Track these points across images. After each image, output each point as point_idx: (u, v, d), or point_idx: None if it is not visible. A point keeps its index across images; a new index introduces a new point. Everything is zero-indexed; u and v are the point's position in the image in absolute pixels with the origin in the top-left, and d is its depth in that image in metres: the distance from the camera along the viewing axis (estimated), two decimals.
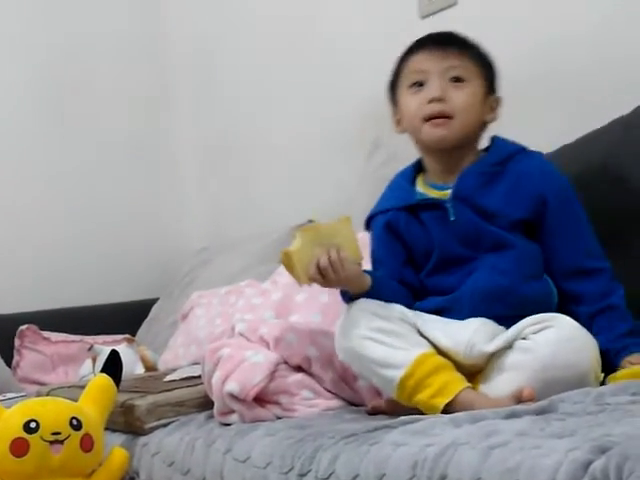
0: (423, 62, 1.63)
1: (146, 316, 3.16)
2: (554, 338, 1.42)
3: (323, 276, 1.53)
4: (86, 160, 3.35)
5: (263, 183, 3.18)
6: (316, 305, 1.85)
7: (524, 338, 1.45)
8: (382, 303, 1.55)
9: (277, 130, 3.10)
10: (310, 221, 2.83)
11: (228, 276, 2.71)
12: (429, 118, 1.60)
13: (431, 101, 1.59)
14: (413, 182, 1.68)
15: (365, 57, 2.66)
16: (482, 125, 1.65)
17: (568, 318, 1.46)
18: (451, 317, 1.56)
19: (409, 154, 1.73)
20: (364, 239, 1.71)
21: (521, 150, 1.64)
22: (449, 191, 1.61)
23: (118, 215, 3.40)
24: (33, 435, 1.62)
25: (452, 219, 1.59)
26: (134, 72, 3.49)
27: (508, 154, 1.62)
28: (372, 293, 1.56)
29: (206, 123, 3.47)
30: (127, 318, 3.11)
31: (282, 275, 2.06)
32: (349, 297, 1.58)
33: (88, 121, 3.36)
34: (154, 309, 3.16)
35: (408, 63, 1.66)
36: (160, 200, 3.53)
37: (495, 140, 1.67)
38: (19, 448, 1.61)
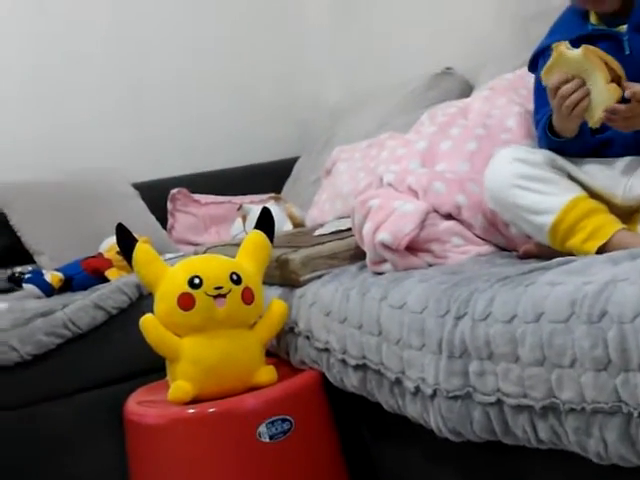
0: None
1: (289, 175, 3.21)
2: None
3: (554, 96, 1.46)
4: (223, 29, 3.39)
5: (397, 32, 3.12)
6: (463, 153, 1.81)
7: None
8: (530, 149, 1.52)
9: None
10: (448, 69, 2.79)
11: (367, 130, 2.70)
12: None
13: None
14: (585, 15, 1.59)
15: None
16: None
17: None
18: (610, 153, 1.52)
19: None
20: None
21: None
22: (625, 26, 1.52)
23: (256, 79, 3.44)
24: (198, 290, 1.69)
25: (627, 53, 1.51)
26: None
27: None
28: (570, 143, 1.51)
29: None
30: (271, 177, 3.18)
31: (425, 125, 2.03)
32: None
33: None
34: (296, 167, 3.20)
35: None
36: (295, 60, 3.53)
37: None
38: (186, 302, 1.69)
